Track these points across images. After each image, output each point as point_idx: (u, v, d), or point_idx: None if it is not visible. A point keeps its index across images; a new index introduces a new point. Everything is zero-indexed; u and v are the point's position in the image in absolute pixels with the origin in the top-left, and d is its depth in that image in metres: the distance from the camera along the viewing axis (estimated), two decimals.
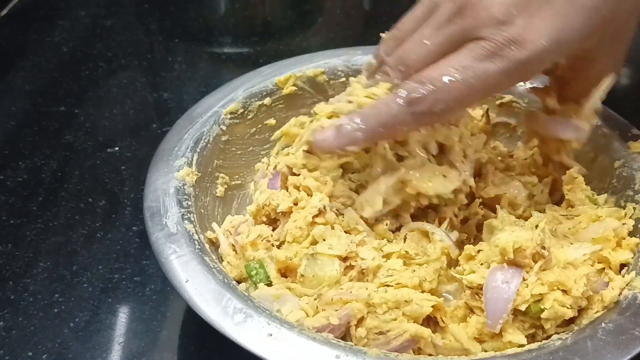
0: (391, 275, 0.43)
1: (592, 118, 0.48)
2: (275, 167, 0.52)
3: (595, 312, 0.41)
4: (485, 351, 0.41)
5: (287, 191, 0.50)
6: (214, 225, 0.49)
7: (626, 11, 0.43)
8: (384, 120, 0.43)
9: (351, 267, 0.44)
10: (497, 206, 0.49)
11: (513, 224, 0.46)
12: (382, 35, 0.48)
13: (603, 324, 0.39)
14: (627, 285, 0.42)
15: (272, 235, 0.48)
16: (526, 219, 0.47)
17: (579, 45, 0.42)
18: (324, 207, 0.47)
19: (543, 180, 0.52)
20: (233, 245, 0.48)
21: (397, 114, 0.43)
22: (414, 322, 0.41)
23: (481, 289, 0.42)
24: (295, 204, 0.48)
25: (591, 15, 0.41)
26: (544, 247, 0.42)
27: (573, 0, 0.41)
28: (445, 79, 0.41)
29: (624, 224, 0.47)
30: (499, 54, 0.40)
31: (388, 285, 0.43)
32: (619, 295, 0.42)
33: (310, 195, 0.48)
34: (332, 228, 0.46)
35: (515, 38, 0.40)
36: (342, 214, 0.47)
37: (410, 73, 0.43)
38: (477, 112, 0.57)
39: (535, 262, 0.42)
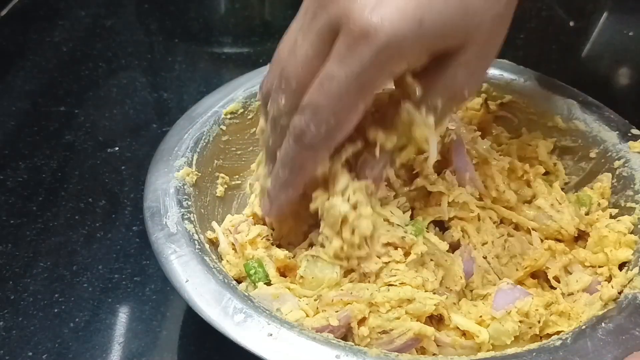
0: (394, 275, 0.43)
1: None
2: None
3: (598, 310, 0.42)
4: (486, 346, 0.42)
5: None
6: (214, 224, 0.49)
7: (491, 15, 0.38)
8: (293, 166, 0.41)
9: (352, 270, 0.44)
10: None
11: None
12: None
13: (603, 324, 0.39)
14: (628, 284, 0.42)
15: (272, 235, 0.48)
16: None
17: (441, 30, 0.37)
18: None
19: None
20: (232, 243, 0.48)
21: (297, 155, 0.41)
22: (417, 321, 0.41)
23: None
24: None
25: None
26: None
27: None
28: (318, 97, 0.38)
29: (619, 221, 0.47)
30: (358, 48, 0.36)
31: (391, 285, 0.43)
32: (619, 294, 0.42)
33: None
34: None
35: (370, 24, 0.35)
36: None
37: (293, 86, 0.40)
38: (476, 101, 0.57)
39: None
